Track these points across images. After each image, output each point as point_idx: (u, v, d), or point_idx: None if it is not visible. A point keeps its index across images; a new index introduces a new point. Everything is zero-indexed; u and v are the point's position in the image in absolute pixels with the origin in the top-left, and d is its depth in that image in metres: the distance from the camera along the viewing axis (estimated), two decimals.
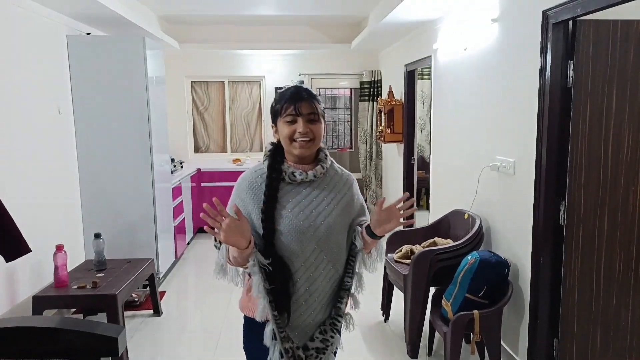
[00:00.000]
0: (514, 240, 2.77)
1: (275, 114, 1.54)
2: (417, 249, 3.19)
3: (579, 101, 2.33)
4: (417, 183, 5.24)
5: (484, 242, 3.02)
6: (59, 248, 2.96)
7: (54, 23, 3.56)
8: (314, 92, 1.56)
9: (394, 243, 3.38)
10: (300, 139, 1.49)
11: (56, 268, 2.94)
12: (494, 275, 2.62)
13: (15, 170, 2.99)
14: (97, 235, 3.26)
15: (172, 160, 5.57)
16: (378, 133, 5.42)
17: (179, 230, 4.97)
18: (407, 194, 1.59)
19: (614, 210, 2.40)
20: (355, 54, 6.39)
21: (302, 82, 6.49)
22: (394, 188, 5.87)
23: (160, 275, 4.18)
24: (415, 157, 5.19)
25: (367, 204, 6.48)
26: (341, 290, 1.59)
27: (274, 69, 6.52)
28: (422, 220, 5.12)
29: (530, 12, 2.54)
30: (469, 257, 2.70)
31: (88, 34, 3.95)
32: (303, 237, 1.48)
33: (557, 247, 2.45)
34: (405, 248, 3.24)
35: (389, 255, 3.35)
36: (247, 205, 1.53)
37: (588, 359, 2.49)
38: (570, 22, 2.30)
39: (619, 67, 2.32)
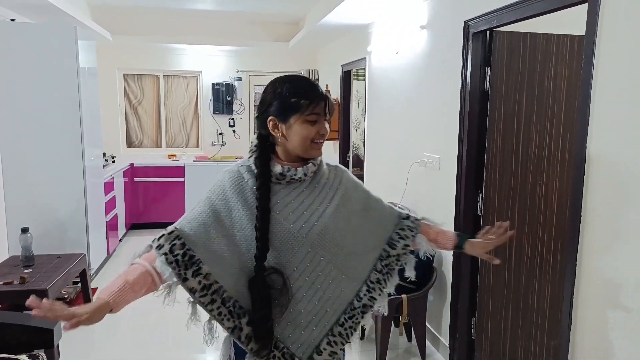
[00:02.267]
0: None
1: (291, 109, 1.30)
2: None
3: (494, 104, 2.60)
4: None
5: None
6: None
7: None
8: (254, 89, 1.45)
9: None
10: (320, 141, 1.34)
11: None
12: (421, 263, 2.84)
13: None
14: (25, 230, 3.14)
15: (104, 154, 5.40)
16: None
17: (111, 226, 4.84)
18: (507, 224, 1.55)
19: (523, 201, 2.70)
20: (293, 53, 6.51)
21: (239, 78, 6.51)
22: None
23: (92, 272, 4.06)
24: (351, 154, 5.40)
25: None
26: (355, 301, 1.41)
27: (211, 64, 6.49)
28: None
29: (453, 22, 2.78)
30: None
31: (13, 20, 3.76)
32: (294, 241, 1.33)
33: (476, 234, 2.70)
34: None
35: None
36: (231, 202, 1.33)
37: (501, 334, 2.78)
38: (488, 32, 2.56)
39: (528, 74, 2.61)
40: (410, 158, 3.38)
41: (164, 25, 5.97)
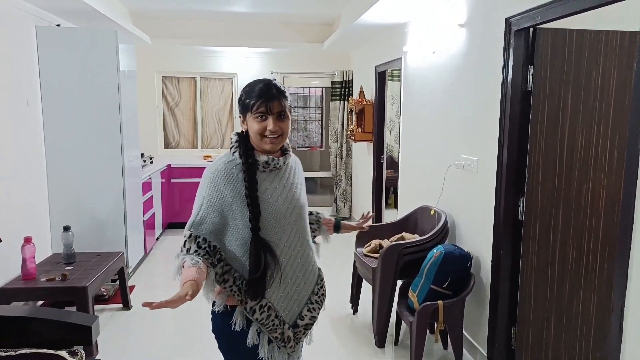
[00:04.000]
0: (476, 234, 2.92)
1: (245, 108, 1.55)
2: (386, 243, 3.31)
3: (538, 104, 2.49)
4: (386, 182, 5.38)
5: (448, 237, 3.17)
6: (27, 240, 2.92)
7: (23, 13, 3.50)
8: (283, 87, 1.59)
9: (364, 238, 3.49)
10: (270, 136, 1.53)
11: (24, 260, 2.91)
12: (458, 268, 2.76)
13: None
14: (67, 228, 3.23)
15: (142, 155, 5.53)
16: (349, 132, 5.54)
17: (149, 225, 4.94)
18: (373, 214, 1.88)
19: (567, 206, 2.57)
20: (328, 53, 6.49)
21: (274, 80, 6.52)
22: (363, 186, 6.00)
23: (130, 270, 4.16)
24: (385, 156, 5.33)
25: (336, 202, 6.62)
26: (313, 263, 1.69)
27: (246, 66, 6.55)
28: (390, 217, 5.27)
29: (494, 19, 2.69)
30: (435, 251, 2.83)
31: (58, 25, 3.89)
32: (284, 220, 1.56)
33: (516, 240, 2.60)
34: (374, 242, 3.35)
35: (358, 249, 3.45)
36: (226, 197, 1.51)
37: (543, 345, 2.66)
38: (531, 29, 2.46)
39: (573, 72, 2.49)
40: (446, 160, 3.30)
41: (200, 29, 6.07)
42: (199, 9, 5.41)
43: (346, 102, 6.43)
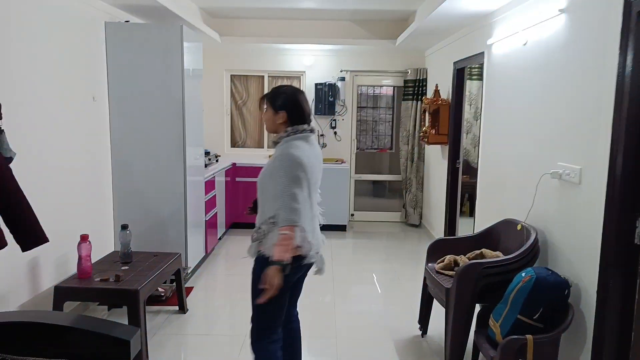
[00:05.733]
0: (576, 258, 2.45)
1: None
2: (462, 260, 2.91)
3: None
4: (461, 188, 4.92)
5: (539, 258, 2.71)
6: (84, 238, 2.86)
7: (94, 10, 3.49)
8: (357, 90, 1.51)
9: (436, 252, 3.11)
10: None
11: (80, 259, 2.84)
12: (552, 297, 2.32)
13: (47, 157, 2.92)
14: (124, 227, 3.15)
15: (207, 153, 5.48)
16: (422, 134, 5.13)
17: (211, 224, 4.85)
18: None
19: None
20: (400, 51, 6.12)
21: (343, 78, 6.27)
22: (435, 192, 5.56)
23: (189, 271, 4.06)
24: (461, 160, 4.87)
25: (405, 208, 6.22)
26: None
27: (315, 64, 6.33)
28: (465, 228, 4.80)
29: (607, 1, 2.22)
30: (523, 274, 2.40)
31: (127, 21, 3.87)
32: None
33: (631, 269, 2.12)
34: (449, 258, 2.96)
35: (429, 265, 3.08)
36: None
37: None
38: None
39: None
40: (538, 168, 2.84)
41: (269, 26, 5.93)
42: (268, 6, 5.26)
43: (419, 102, 6.02)
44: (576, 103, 2.50)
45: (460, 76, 4.81)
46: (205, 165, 5.00)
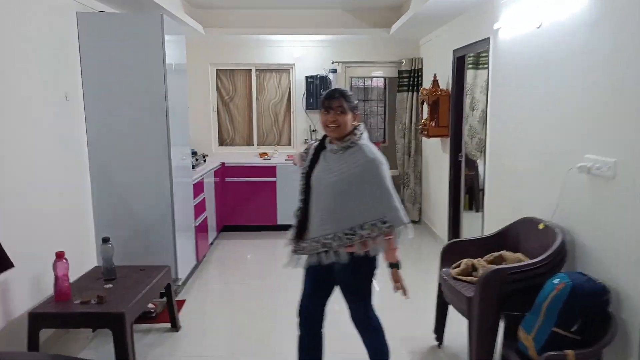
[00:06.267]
0: (612, 260, 2.21)
1: (320, 106, 2.25)
2: (480, 264, 2.66)
3: None
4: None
5: (566, 261, 2.47)
6: (59, 256, 2.53)
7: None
8: (350, 82, 1.30)
9: (450, 255, 2.85)
10: (329, 125, 2.18)
11: (56, 279, 2.52)
12: (590, 305, 2.08)
13: (13, 167, 2.58)
14: (105, 240, 2.83)
15: (194, 153, 5.16)
16: (420, 126, 4.88)
17: (201, 230, 4.54)
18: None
19: None
20: (394, 40, 5.84)
21: (334, 70, 5.98)
22: (435, 187, 5.32)
23: (180, 283, 3.75)
24: (463, 154, 4.63)
25: (404, 203, 5.95)
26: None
27: (305, 56, 6.03)
28: (469, 223, 4.57)
29: None
30: (556, 281, 2.16)
31: (102, 11, 3.53)
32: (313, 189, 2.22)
33: None
34: (466, 262, 2.71)
35: (444, 269, 2.82)
36: None
37: None
38: None
39: None
40: (562, 162, 2.59)
41: (256, 17, 5.61)
42: None
43: (415, 94, 5.76)
44: (607, 88, 2.25)
45: (460, 65, 4.56)
46: (193, 167, 4.69)
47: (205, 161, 5.36)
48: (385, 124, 6.69)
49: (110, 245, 2.84)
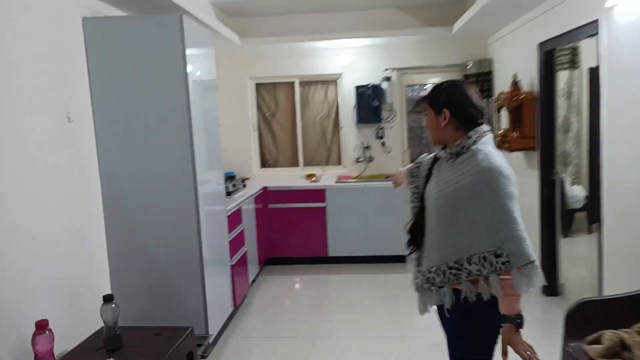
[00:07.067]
0: None
1: None
2: (635, 340, 1.79)
3: None
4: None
5: None
6: (40, 326, 1.90)
7: (67, 2, 2.60)
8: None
9: (582, 323, 1.99)
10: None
11: (36, 358, 1.89)
12: None
13: (10, 202, 2.00)
14: (108, 299, 2.18)
15: (232, 177, 4.55)
16: (499, 138, 4.01)
17: (239, 267, 3.87)
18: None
19: None
20: (458, 39, 5.03)
21: (388, 78, 5.23)
22: (522, 208, 4.39)
23: (210, 340, 3.05)
24: (558, 170, 3.71)
25: None
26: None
27: (354, 64, 5.32)
28: (569, 254, 3.62)
29: None
30: None
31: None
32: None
33: None
34: (610, 338, 1.84)
35: (572, 344, 1.96)
36: None
37: None
38: None
39: None
40: None
41: (296, 22, 5.00)
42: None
43: (486, 100, 4.90)
44: None
45: (549, 60, 3.69)
46: (229, 193, 4.07)
47: (244, 186, 4.73)
48: None
49: (113, 305, 2.19)
